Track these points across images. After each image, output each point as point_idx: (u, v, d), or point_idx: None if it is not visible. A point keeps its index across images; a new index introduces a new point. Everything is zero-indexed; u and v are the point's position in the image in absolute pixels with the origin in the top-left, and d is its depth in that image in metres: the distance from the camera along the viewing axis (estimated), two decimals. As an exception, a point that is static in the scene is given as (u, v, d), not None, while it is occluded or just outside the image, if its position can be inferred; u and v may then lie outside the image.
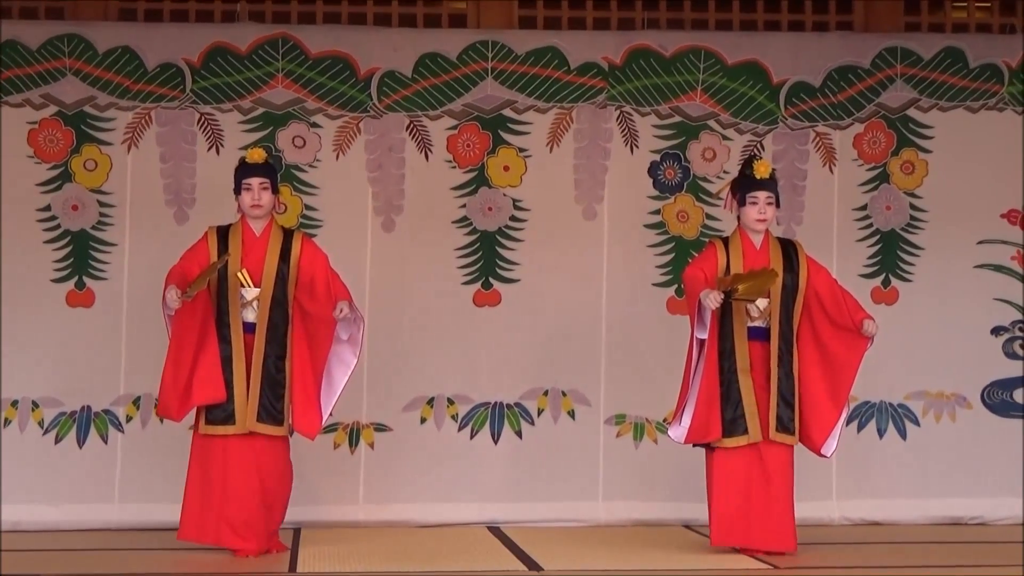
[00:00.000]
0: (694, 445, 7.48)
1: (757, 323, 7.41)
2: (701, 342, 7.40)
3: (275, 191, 7.48)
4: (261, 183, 7.39)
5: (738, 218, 7.57)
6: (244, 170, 7.45)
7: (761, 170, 7.47)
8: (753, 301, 7.34)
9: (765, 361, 7.37)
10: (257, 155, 7.47)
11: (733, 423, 7.35)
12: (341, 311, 7.24)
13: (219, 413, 7.30)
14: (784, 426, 7.37)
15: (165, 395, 7.34)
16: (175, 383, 7.29)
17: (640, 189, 8.75)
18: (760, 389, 7.35)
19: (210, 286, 7.33)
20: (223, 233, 7.44)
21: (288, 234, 7.48)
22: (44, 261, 8.49)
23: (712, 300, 7.22)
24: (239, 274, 7.34)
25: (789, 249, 7.53)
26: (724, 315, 7.36)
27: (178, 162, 8.56)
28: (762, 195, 7.45)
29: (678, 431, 7.46)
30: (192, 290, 7.16)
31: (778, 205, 7.54)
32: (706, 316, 7.32)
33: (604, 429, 8.67)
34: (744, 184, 7.49)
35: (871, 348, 7.47)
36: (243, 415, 7.28)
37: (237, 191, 7.44)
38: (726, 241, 7.55)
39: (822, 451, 7.49)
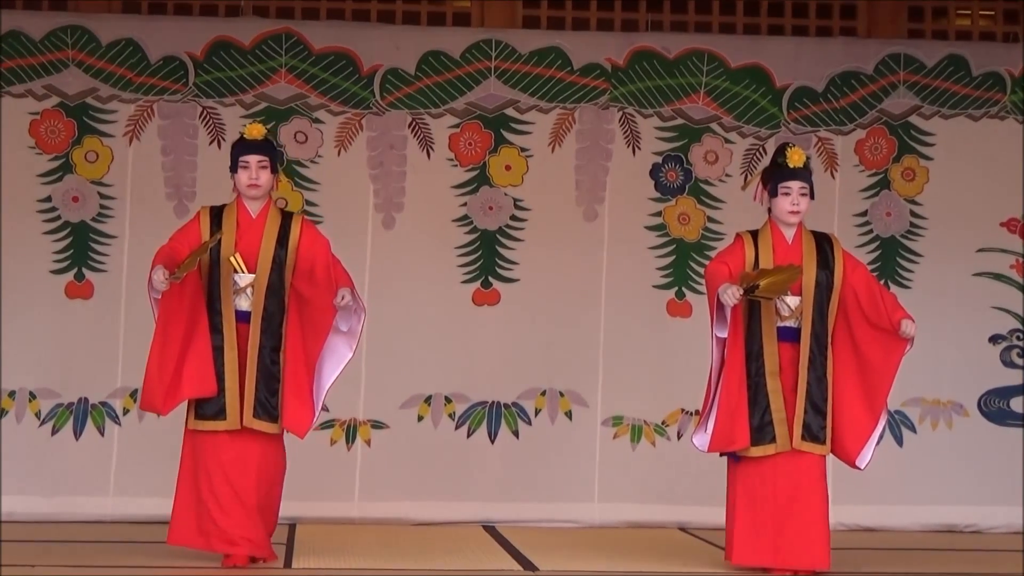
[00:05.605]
0: (721, 454, 6.96)
1: (788, 323, 6.88)
2: (722, 341, 6.86)
3: (274, 171, 6.95)
4: (259, 161, 6.87)
5: (769, 210, 7.01)
6: (242, 147, 6.91)
7: (795, 158, 6.92)
8: (771, 300, 6.85)
9: (794, 364, 6.84)
10: (256, 131, 6.93)
11: (760, 431, 6.81)
12: (343, 298, 6.73)
13: (210, 408, 6.78)
14: (812, 435, 6.84)
15: (149, 387, 6.77)
16: (161, 375, 6.73)
17: (641, 191, 8.75)
18: (788, 394, 6.83)
19: (201, 271, 6.82)
20: (216, 214, 6.91)
21: (287, 217, 6.97)
22: (43, 252, 8.48)
23: (729, 296, 6.65)
24: (232, 259, 6.80)
25: (824, 243, 7.02)
26: (752, 314, 6.84)
27: (179, 155, 8.56)
28: (795, 185, 6.90)
29: (702, 438, 6.92)
30: (181, 271, 6.61)
31: (812, 196, 7.01)
32: (725, 313, 6.78)
33: (601, 431, 8.66)
34: (776, 174, 6.94)
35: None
36: (235, 410, 6.76)
37: (233, 169, 6.92)
38: (755, 234, 6.99)
39: (856, 462, 6.96)
